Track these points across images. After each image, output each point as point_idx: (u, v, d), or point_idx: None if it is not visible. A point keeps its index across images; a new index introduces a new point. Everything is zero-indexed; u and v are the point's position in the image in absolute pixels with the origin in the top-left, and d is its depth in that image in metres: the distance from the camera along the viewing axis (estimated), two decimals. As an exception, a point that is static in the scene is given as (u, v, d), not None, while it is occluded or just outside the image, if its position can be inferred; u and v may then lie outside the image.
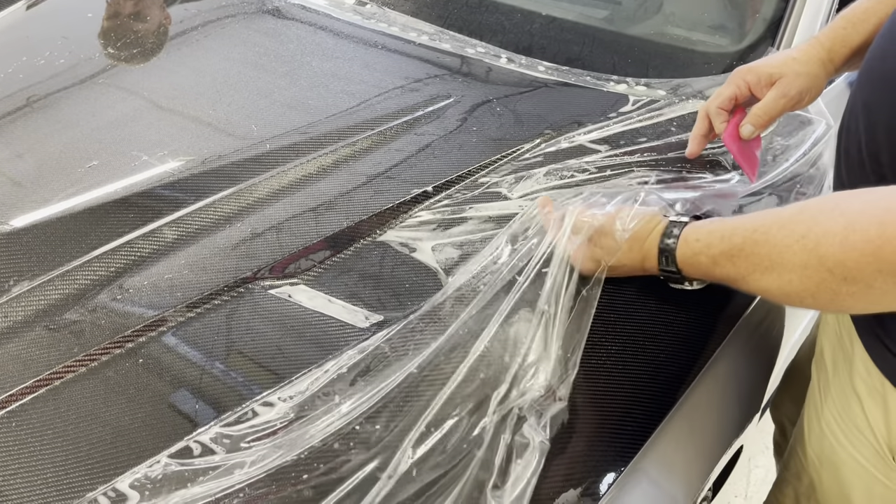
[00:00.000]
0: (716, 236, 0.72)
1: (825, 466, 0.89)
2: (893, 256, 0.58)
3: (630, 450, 0.76)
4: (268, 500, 0.63)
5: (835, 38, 0.91)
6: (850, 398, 0.82)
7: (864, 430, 0.81)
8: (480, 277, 0.81)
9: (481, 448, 0.66)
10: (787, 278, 0.66)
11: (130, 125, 1.08)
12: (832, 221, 0.62)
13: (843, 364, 0.84)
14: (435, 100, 1.12)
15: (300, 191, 0.95)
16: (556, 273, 0.80)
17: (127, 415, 0.71)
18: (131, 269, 0.84)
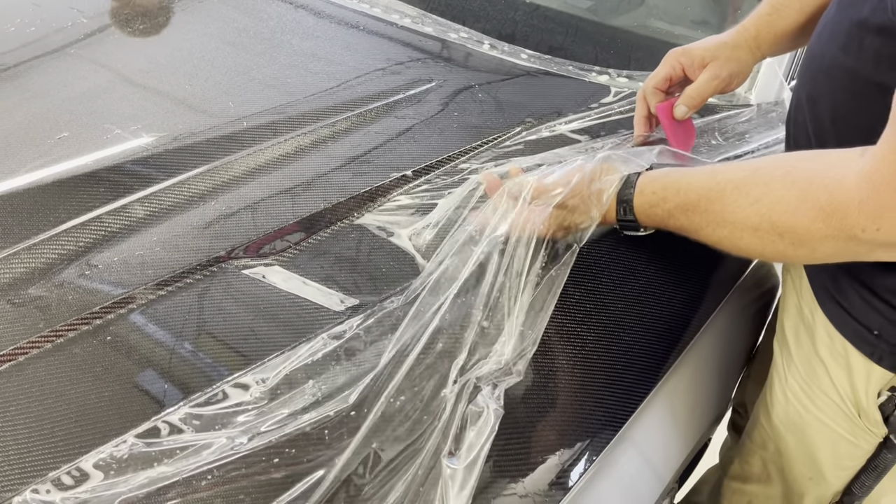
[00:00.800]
0: (671, 190, 0.76)
1: (791, 431, 0.93)
2: (839, 224, 0.62)
3: (612, 426, 0.77)
4: (236, 483, 0.62)
5: (760, 25, 0.95)
6: (814, 365, 0.87)
7: (829, 393, 0.85)
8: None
9: (441, 419, 0.67)
10: (738, 235, 0.71)
11: (103, 97, 1.05)
12: (784, 189, 0.66)
13: (805, 335, 0.88)
14: (416, 83, 1.11)
15: (277, 170, 0.94)
16: (519, 249, 0.80)
17: (93, 393, 0.69)
18: (101, 245, 0.82)
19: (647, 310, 0.87)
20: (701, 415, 0.94)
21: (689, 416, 0.91)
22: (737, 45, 0.94)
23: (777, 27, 0.94)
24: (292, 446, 0.65)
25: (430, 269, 0.80)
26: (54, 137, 0.96)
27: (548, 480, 0.72)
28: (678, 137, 0.96)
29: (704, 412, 0.96)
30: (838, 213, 0.62)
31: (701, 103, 0.94)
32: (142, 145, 0.96)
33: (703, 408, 0.95)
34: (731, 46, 0.94)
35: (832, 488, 0.93)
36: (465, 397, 0.69)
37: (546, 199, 0.82)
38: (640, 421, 0.82)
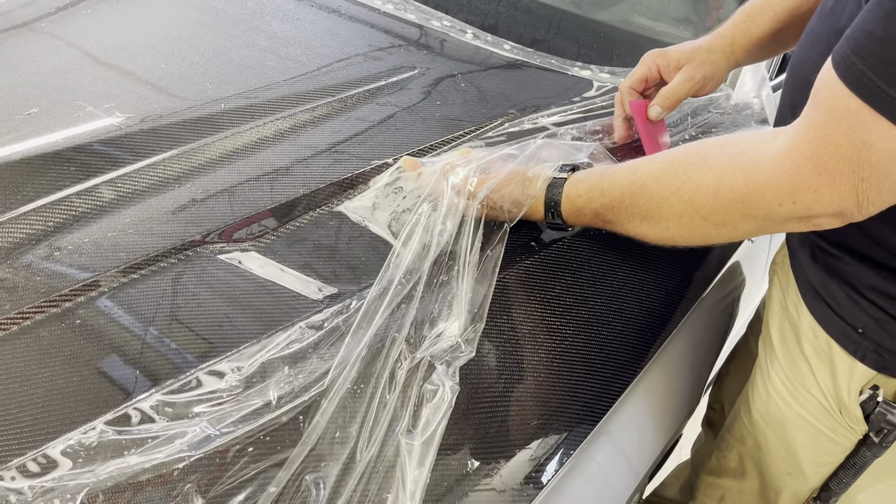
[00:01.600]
0: (596, 191, 0.79)
1: (771, 426, 0.95)
2: (758, 203, 0.67)
3: (589, 421, 0.77)
4: (208, 471, 0.61)
5: (735, 31, 0.97)
6: (798, 362, 0.89)
7: (811, 390, 0.88)
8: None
9: (394, 395, 0.68)
10: (664, 226, 0.75)
11: (75, 74, 1.01)
12: (702, 175, 0.71)
13: (790, 333, 0.90)
14: (398, 70, 1.09)
15: (255, 154, 0.92)
16: (463, 235, 0.81)
17: (61, 378, 0.66)
18: (71, 226, 0.79)
19: (624, 307, 0.87)
20: (675, 410, 0.95)
21: (663, 412, 0.91)
22: (712, 49, 0.96)
23: (752, 34, 0.96)
24: (266, 434, 0.63)
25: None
26: (23, 113, 0.93)
27: (523, 475, 0.72)
28: (652, 138, 0.97)
29: (678, 407, 0.96)
30: (756, 192, 0.66)
31: (675, 104, 0.96)
32: (115, 124, 0.93)
33: (677, 403, 0.96)
34: (706, 50, 0.96)
35: (810, 484, 0.94)
36: (419, 376, 0.70)
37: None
38: (617, 416, 0.82)
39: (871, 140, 0.59)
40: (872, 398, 0.81)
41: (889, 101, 0.57)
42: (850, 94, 0.59)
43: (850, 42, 0.59)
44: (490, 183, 0.82)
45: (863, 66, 0.58)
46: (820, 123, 0.62)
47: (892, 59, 0.56)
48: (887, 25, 0.56)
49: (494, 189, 0.82)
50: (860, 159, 0.60)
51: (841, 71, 0.60)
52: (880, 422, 0.81)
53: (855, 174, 0.61)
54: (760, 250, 1.21)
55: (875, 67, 0.57)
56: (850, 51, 0.59)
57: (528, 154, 0.86)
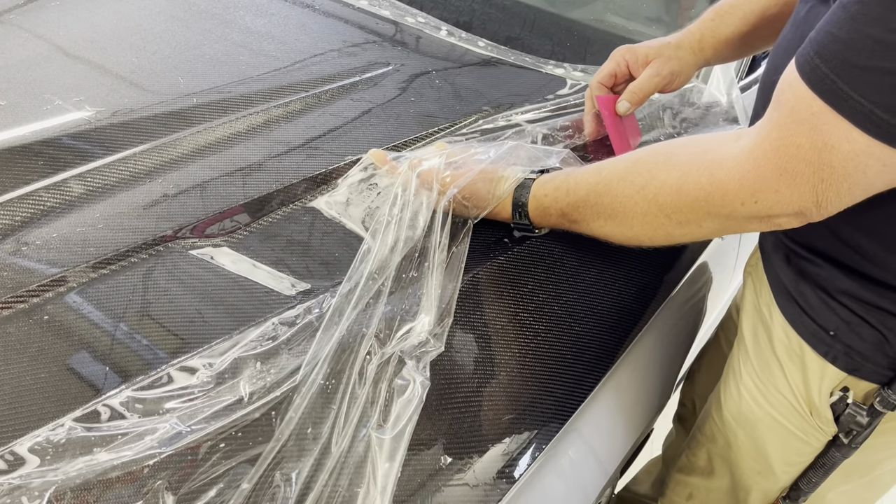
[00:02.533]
0: (562, 191, 0.80)
1: (742, 425, 0.96)
2: (720, 201, 0.68)
3: (559, 418, 0.77)
4: (179, 468, 0.60)
5: (704, 29, 0.98)
6: (770, 363, 0.90)
7: (783, 390, 0.89)
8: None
9: (364, 391, 0.68)
10: (628, 224, 0.76)
11: (44, 67, 1.00)
12: (666, 174, 0.72)
13: (762, 333, 0.91)
14: (372, 66, 1.09)
15: (228, 149, 0.91)
16: (433, 233, 0.82)
17: (29, 374, 0.66)
18: (39, 221, 0.78)
19: (594, 304, 0.88)
20: (645, 406, 0.96)
21: (633, 408, 0.92)
22: (680, 46, 0.97)
23: (720, 33, 0.98)
24: (237, 431, 0.63)
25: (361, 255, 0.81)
26: (-10, 106, 0.91)
27: (495, 470, 0.72)
28: (621, 134, 0.98)
29: (648, 404, 0.97)
30: (719, 190, 0.67)
31: (643, 99, 0.97)
32: (85, 118, 0.91)
33: (647, 399, 0.97)
34: (674, 47, 0.97)
35: (779, 483, 0.95)
36: (389, 371, 0.70)
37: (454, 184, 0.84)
38: (587, 411, 0.82)
39: (832, 142, 0.60)
40: (842, 400, 0.82)
41: (851, 103, 0.57)
42: (812, 96, 0.60)
43: (814, 44, 0.60)
44: (460, 181, 0.83)
45: (826, 68, 0.58)
46: (782, 124, 0.63)
47: (854, 61, 0.57)
48: (850, 28, 0.57)
49: (463, 186, 0.83)
50: (821, 161, 0.61)
51: (804, 73, 0.60)
52: (850, 423, 0.82)
53: (815, 175, 0.62)
54: (730, 248, 1.23)
55: (838, 70, 0.58)
56: (814, 53, 0.60)
57: (499, 155, 0.86)
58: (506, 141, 0.91)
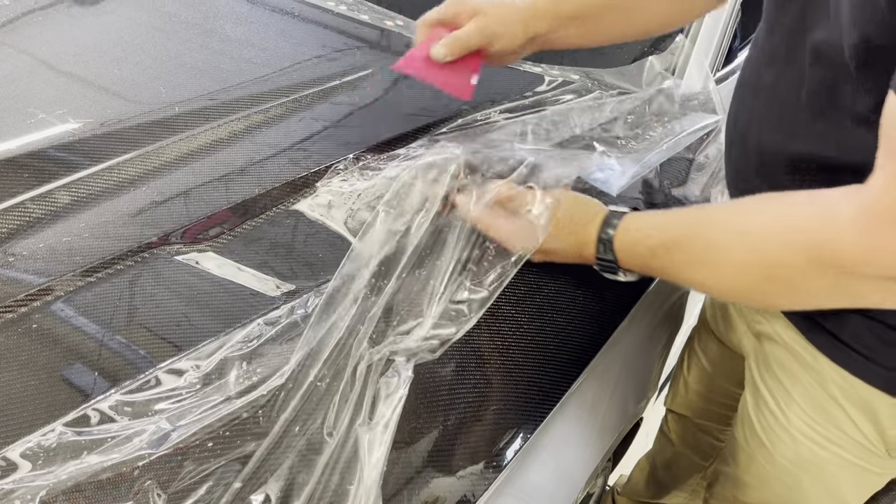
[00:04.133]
0: (655, 228, 0.73)
1: (805, 469, 0.91)
2: (830, 257, 0.60)
3: (535, 419, 0.78)
4: (169, 469, 0.62)
5: (544, 1, 0.93)
6: (827, 407, 0.84)
7: (850, 433, 0.84)
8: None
9: (355, 389, 0.69)
10: (724, 273, 0.68)
11: (26, 80, 1.01)
12: (774, 222, 0.64)
13: (807, 376, 0.86)
14: (352, 70, 1.11)
15: (210, 156, 0.92)
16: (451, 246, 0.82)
17: (19, 383, 0.67)
18: (25, 231, 0.80)
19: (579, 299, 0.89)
20: (629, 395, 0.97)
21: (614, 399, 0.94)
22: (512, 10, 0.91)
23: (559, 9, 0.93)
24: (226, 430, 0.64)
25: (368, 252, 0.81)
26: (-26, 121, 0.92)
27: (482, 461, 0.74)
28: (446, 76, 0.93)
29: (633, 392, 0.99)
30: (829, 245, 0.60)
31: (459, 51, 0.90)
32: (68, 130, 0.93)
33: (632, 388, 0.99)
34: (506, 10, 0.91)
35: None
36: (378, 370, 0.71)
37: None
38: (572, 401, 0.84)
39: None
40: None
41: None
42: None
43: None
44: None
45: None
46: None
47: None
48: None
49: (543, 249, 0.79)
50: None
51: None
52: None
53: None
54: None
55: None
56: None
57: (563, 203, 0.81)
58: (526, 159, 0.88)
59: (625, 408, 0.96)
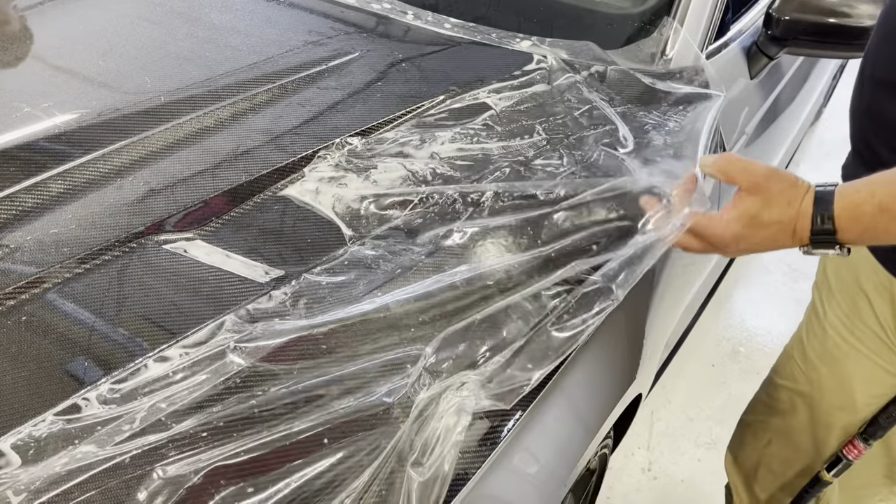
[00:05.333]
0: (879, 184, 0.71)
1: (825, 362, 0.99)
2: None
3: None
4: (160, 457, 0.62)
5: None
6: (856, 297, 0.92)
7: (869, 323, 0.92)
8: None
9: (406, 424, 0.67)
10: None
11: (11, 75, 1.01)
12: None
13: (846, 271, 0.93)
14: (338, 54, 1.10)
15: (197, 144, 0.92)
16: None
17: (9, 374, 0.67)
18: (13, 224, 0.80)
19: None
20: (629, 363, 0.97)
21: (612, 372, 0.93)
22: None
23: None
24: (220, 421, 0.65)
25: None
26: (-41, 117, 0.92)
27: (478, 436, 0.73)
28: None
29: (632, 362, 0.98)
30: None
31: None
32: (54, 123, 0.92)
33: (631, 357, 0.98)
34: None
35: (860, 416, 0.99)
36: (437, 408, 0.69)
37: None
38: (570, 371, 0.83)
39: None
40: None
41: None
42: None
43: None
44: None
45: None
46: None
47: None
48: None
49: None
50: None
51: None
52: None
53: None
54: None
55: None
56: None
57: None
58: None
59: (624, 376, 0.95)
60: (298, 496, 0.61)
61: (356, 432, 0.65)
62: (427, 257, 0.81)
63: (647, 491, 1.75)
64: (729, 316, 2.32)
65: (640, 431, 1.89)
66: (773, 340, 2.22)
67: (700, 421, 1.94)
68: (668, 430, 1.91)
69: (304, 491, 0.62)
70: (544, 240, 0.84)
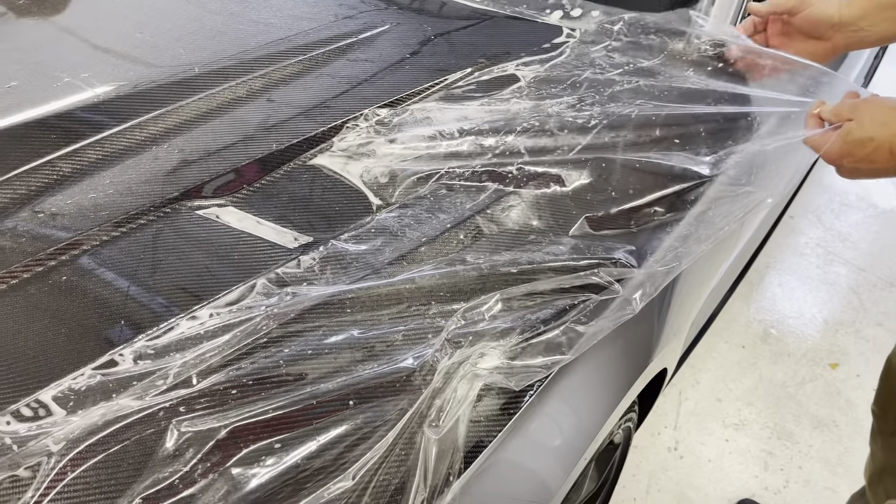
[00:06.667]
0: None
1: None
2: None
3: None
4: (191, 410, 0.64)
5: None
6: None
7: None
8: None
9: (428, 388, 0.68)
10: None
11: (52, 46, 1.04)
12: None
13: None
14: (368, 27, 1.11)
15: (229, 114, 0.94)
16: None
17: (50, 331, 0.70)
18: (53, 189, 0.83)
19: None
20: (649, 340, 0.97)
21: (634, 344, 0.94)
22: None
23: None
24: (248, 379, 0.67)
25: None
26: (3, 86, 0.95)
27: (498, 403, 0.75)
28: None
29: (654, 337, 0.99)
30: None
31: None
32: (94, 92, 0.95)
33: (650, 336, 0.98)
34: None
35: None
36: (459, 376, 0.70)
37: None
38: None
39: None
40: None
41: None
42: None
43: None
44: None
45: None
46: None
47: None
48: None
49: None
50: None
51: None
52: None
53: None
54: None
55: None
56: None
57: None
58: None
59: (643, 353, 0.96)
60: (324, 454, 0.63)
61: (381, 396, 0.67)
62: (453, 227, 0.82)
63: (673, 470, 1.75)
64: (761, 298, 2.29)
65: (667, 411, 1.89)
66: (805, 324, 2.20)
67: (729, 402, 1.93)
68: (695, 410, 1.90)
69: (330, 449, 0.64)
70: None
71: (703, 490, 1.72)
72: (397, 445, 0.66)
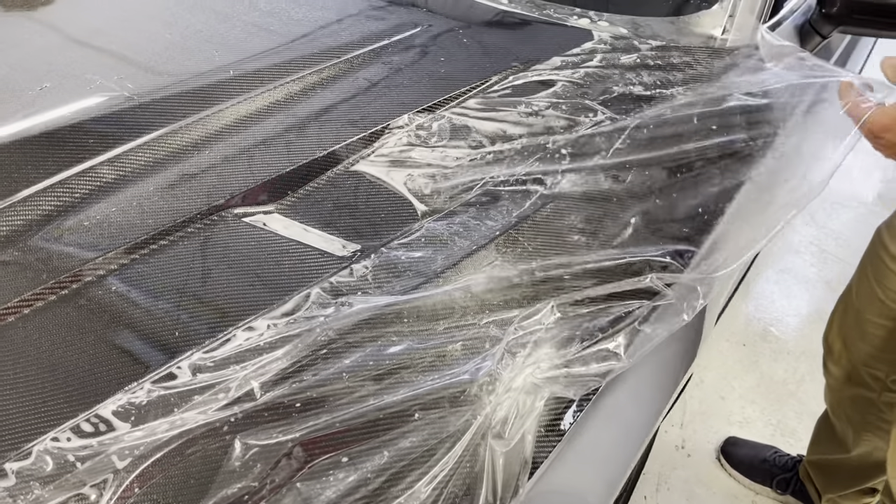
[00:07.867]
0: None
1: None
2: None
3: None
4: (255, 424, 0.63)
5: None
6: None
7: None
8: None
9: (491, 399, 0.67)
10: None
11: (83, 48, 1.02)
12: None
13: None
14: (401, 28, 1.10)
15: (268, 118, 0.93)
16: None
17: (103, 343, 0.69)
18: (96, 197, 0.81)
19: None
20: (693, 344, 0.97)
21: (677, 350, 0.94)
22: None
23: None
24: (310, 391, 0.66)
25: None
26: (35, 89, 0.93)
27: (558, 413, 0.74)
28: None
29: (691, 345, 0.99)
30: None
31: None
32: (127, 95, 0.93)
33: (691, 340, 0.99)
34: None
35: None
36: (520, 387, 0.70)
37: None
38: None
39: None
40: None
41: None
42: None
43: None
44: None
45: None
46: None
47: None
48: None
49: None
50: None
51: None
52: None
53: None
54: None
55: None
56: None
57: None
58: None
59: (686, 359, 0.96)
60: (392, 467, 0.63)
61: (445, 407, 0.66)
62: (501, 234, 0.81)
63: (681, 468, 1.77)
64: (759, 296, 2.32)
65: (673, 409, 1.90)
66: (802, 321, 2.23)
67: (732, 400, 1.96)
68: (700, 409, 1.92)
69: (398, 462, 0.63)
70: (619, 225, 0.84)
71: (711, 487, 1.74)
72: (465, 458, 0.65)
